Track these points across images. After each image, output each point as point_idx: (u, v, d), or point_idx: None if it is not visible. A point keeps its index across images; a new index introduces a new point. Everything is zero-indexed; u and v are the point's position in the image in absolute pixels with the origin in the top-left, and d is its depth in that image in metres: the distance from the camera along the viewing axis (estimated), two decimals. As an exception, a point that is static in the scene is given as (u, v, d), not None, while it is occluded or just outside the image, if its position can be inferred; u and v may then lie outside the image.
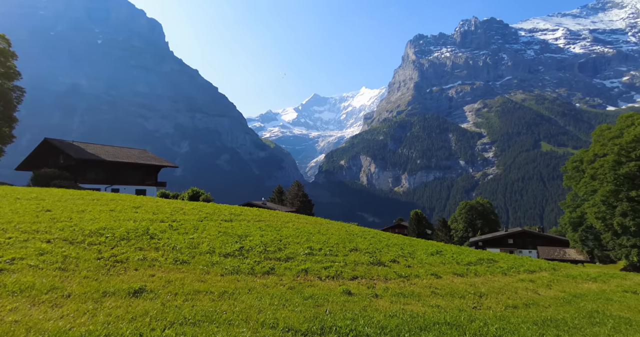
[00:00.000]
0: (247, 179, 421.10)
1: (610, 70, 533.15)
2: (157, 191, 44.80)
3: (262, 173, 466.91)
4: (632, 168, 34.54)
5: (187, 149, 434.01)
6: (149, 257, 8.83)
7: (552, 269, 16.23)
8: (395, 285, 9.70)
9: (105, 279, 6.93)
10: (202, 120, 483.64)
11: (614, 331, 7.52)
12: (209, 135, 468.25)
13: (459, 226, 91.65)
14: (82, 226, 10.80)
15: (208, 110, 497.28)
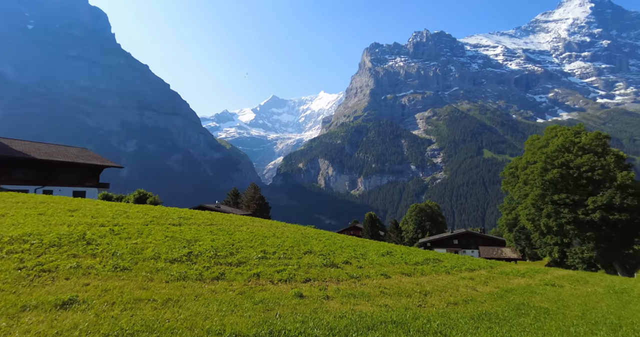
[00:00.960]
0: (200, 181, 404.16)
1: (539, 86, 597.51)
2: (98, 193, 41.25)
3: (216, 175, 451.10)
4: (555, 174, 38.84)
5: (134, 149, 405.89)
6: (83, 264, 8.08)
7: (490, 267, 17.64)
8: (346, 286, 9.89)
9: (27, 292, 6.17)
10: (151, 119, 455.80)
11: (535, 320, 8.37)
12: (159, 134, 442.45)
13: (409, 227, 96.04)
14: (1, 233, 9.59)
15: (158, 108, 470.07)
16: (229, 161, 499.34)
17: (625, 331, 8.12)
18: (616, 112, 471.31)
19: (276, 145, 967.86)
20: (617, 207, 35.00)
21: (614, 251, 37.44)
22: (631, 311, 10.40)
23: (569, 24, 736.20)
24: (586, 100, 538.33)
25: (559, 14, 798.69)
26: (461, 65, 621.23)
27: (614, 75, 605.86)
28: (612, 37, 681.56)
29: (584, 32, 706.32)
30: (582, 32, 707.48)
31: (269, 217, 71.13)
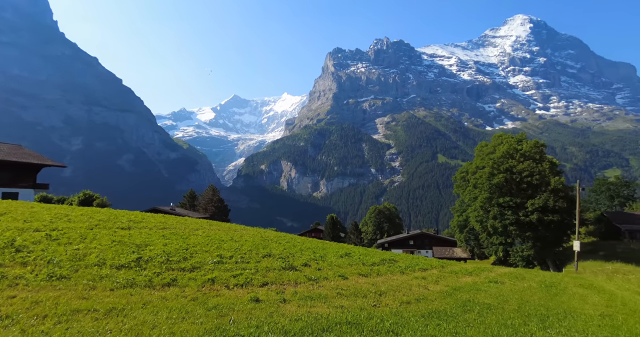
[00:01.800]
0: (154, 182, 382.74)
1: (488, 96, 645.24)
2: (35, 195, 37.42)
3: (172, 176, 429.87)
4: (500, 179, 42.09)
5: (79, 146, 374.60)
6: (10, 274, 7.29)
7: (441, 266, 18.62)
8: (304, 288, 9.91)
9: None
10: (100, 115, 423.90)
11: (478, 315, 9.00)
12: (108, 131, 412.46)
13: (368, 229, 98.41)
14: None
15: (108, 104, 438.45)
16: (186, 162, 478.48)
17: (551, 320, 9.01)
18: (551, 123, 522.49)
19: (237, 146, 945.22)
20: (550, 209, 38.67)
21: (548, 248, 41.30)
22: (557, 302, 11.55)
23: (512, 41, 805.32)
24: (527, 111, 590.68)
25: (504, 30, 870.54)
26: (419, 74, 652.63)
27: (549, 90, 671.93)
28: (547, 55, 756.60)
29: (525, 49, 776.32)
30: (524, 49, 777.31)
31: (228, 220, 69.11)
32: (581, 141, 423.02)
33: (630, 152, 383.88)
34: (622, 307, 11.65)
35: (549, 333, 7.87)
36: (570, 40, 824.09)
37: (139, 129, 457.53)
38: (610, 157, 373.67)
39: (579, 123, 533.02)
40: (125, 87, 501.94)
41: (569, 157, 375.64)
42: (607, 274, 22.51)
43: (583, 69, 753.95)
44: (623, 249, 40.30)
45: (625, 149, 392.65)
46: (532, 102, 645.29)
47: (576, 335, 7.90)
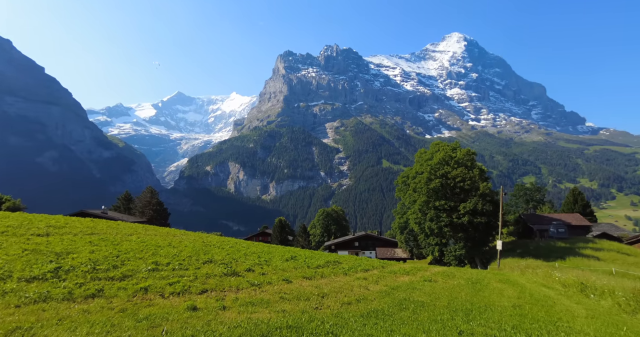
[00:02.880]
0: (83, 183, 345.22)
1: (428, 107, 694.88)
2: None
3: (105, 176, 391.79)
4: (437, 184, 45.44)
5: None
6: None
7: (382, 267, 19.50)
8: (246, 294, 9.69)
9: None
10: (15, 106, 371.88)
11: (413, 313, 9.61)
12: (26, 125, 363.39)
13: (317, 231, 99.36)
14: None
15: (27, 95, 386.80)
16: (122, 161, 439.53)
17: (474, 314, 9.97)
18: (481, 133, 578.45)
19: (180, 145, 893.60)
20: (479, 212, 42.69)
21: (477, 248, 45.47)
22: (480, 297, 12.81)
23: (450, 56, 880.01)
24: (462, 122, 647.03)
25: (443, 46, 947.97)
26: (366, 82, 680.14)
27: (480, 103, 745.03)
28: (478, 72, 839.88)
29: (460, 64, 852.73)
30: (459, 64, 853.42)
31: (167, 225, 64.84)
32: (505, 151, 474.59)
33: (542, 161, 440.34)
34: (530, 298, 13.30)
35: (471, 325, 8.67)
36: (497, 60, 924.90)
37: (65, 124, 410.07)
38: (527, 166, 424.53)
39: (504, 134, 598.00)
40: (48, 77, 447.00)
41: (495, 164, 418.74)
42: (521, 269, 25.51)
43: (507, 86, 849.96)
44: (534, 247, 45.92)
45: (538, 158, 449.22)
46: (466, 113, 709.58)
47: (492, 325, 8.82)
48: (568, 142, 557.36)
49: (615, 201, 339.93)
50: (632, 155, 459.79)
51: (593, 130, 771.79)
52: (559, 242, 48.21)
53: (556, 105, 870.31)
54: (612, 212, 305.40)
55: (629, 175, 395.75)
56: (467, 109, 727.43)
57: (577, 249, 42.00)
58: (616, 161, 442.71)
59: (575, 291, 15.98)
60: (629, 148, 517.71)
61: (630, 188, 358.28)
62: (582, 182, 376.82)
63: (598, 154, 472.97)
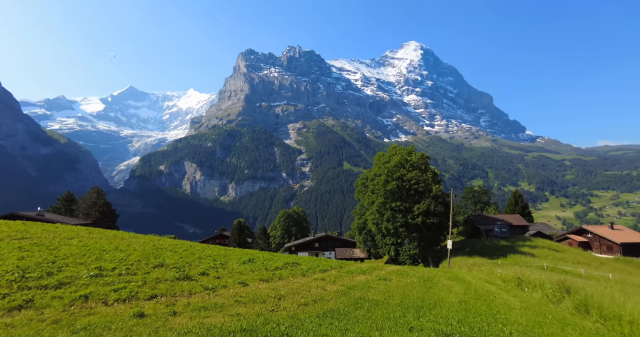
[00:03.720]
0: (15, 182, 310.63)
1: (386, 111, 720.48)
2: None
3: (42, 175, 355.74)
4: (393, 186, 47.23)
5: None
6: None
7: (340, 267, 19.81)
8: (199, 299, 9.34)
9: None
10: None
11: (367, 311, 9.88)
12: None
13: (277, 233, 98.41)
14: None
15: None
16: (63, 158, 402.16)
17: (424, 310, 10.51)
18: (435, 138, 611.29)
19: (132, 143, 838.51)
20: (432, 213, 45.01)
21: (429, 247, 47.87)
22: (430, 294, 13.52)
23: (407, 63, 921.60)
24: (417, 127, 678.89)
25: (401, 53, 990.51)
26: (328, 85, 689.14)
27: (434, 110, 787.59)
28: (433, 79, 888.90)
29: (417, 72, 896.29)
30: (416, 72, 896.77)
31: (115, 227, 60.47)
32: (456, 155, 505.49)
33: (488, 166, 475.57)
34: (474, 293, 14.30)
35: (421, 321, 9.11)
36: (450, 69, 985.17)
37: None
38: (476, 170, 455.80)
39: (455, 140, 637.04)
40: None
41: (447, 168, 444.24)
42: (469, 267, 27.34)
43: (459, 94, 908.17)
44: (481, 246, 49.41)
45: (485, 163, 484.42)
46: (421, 119, 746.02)
47: (440, 320, 9.35)
48: (511, 149, 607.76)
49: (548, 203, 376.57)
50: (562, 162, 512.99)
51: (531, 138, 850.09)
52: (502, 241, 52.26)
53: (501, 114, 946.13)
54: (546, 213, 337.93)
55: (559, 179, 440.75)
56: (423, 115, 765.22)
57: (517, 247, 45.84)
58: (549, 167, 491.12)
59: (513, 285, 17.45)
60: (559, 155, 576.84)
61: (560, 191, 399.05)
62: (522, 185, 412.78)
63: (535, 160, 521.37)
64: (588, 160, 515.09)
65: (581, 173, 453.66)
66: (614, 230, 56.77)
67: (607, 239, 53.68)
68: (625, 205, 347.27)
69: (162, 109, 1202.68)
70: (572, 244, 57.14)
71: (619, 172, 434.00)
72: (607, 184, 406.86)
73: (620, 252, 51.15)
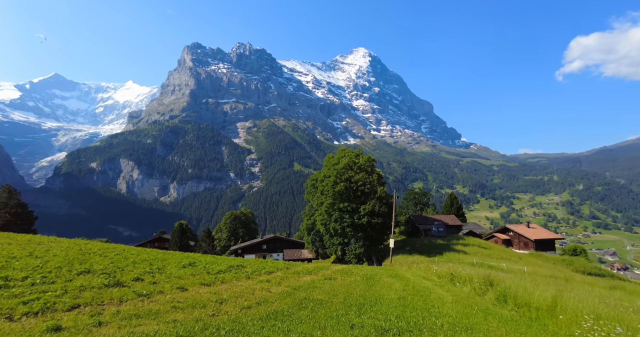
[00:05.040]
0: None
1: (336, 114, 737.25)
2: None
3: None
4: (342, 187, 48.39)
5: None
6: None
7: (286, 268, 19.69)
8: (131, 306, 8.61)
9: None
10: None
11: (311, 311, 9.95)
12: None
13: (222, 235, 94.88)
14: None
15: None
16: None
17: (365, 307, 10.89)
18: (381, 143, 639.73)
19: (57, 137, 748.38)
20: (376, 213, 46.92)
21: (374, 246, 49.83)
22: (372, 292, 14.06)
23: (356, 69, 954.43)
24: (365, 131, 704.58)
25: (350, 59, 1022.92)
26: (279, 85, 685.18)
27: (381, 115, 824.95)
28: (380, 86, 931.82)
29: (365, 78, 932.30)
30: (364, 77, 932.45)
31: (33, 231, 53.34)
32: (400, 159, 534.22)
33: (428, 169, 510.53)
34: (412, 289, 15.19)
35: (362, 318, 9.41)
36: (395, 77, 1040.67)
37: None
38: (417, 173, 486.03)
39: (399, 144, 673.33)
40: None
41: (391, 171, 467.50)
42: (408, 264, 29.03)
43: (403, 101, 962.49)
44: (420, 244, 52.73)
45: (425, 166, 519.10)
46: (369, 123, 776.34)
47: (380, 316, 9.76)
48: (448, 154, 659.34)
49: (479, 204, 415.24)
50: (491, 167, 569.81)
51: (466, 145, 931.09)
52: (439, 239, 56.29)
53: (440, 121, 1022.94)
54: (477, 214, 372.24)
55: (488, 183, 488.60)
56: (370, 119, 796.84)
57: (452, 245, 49.72)
58: (481, 171, 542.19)
59: (447, 280, 18.89)
60: (489, 161, 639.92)
61: (489, 194, 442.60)
62: (458, 188, 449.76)
63: (469, 165, 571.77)
64: (512, 166, 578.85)
65: (506, 177, 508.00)
66: (530, 228, 64.41)
67: (524, 236, 60.71)
68: (539, 206, 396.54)
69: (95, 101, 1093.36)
70: (497, 242, 63.62)
71: (535, 177, 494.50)
72: (526, 188, 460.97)
73: (534, 248, 58.20)
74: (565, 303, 10.81)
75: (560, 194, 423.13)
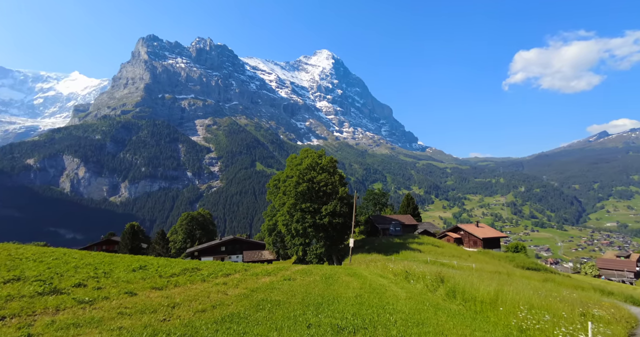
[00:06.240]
0: None
1: (300, 115, 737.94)
2: None
3: None
4: (304, 187, 48.45)
5: None
6: None
7: (244, 270, 19.26)
8: (69, 315, 7.92)
9: None
10: None
11: (268, 313, 9.84)
12: None
13: (178, 237, 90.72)
14: None
15: None
16: None
17: (323, 306, 10.99)
18: (343, 144, 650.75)
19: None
20: (338, 213, 47.60)
21: (334, 246, 50.47)
22: (330, 291, 14.23)
23: (320, 71, 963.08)
24: (328, 132, 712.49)
25: (314, 60, 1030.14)
26: (241, 82, 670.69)
27: (343, 117, 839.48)
28: (343, 89, 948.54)
29: (328, 80, 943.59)
30: (328, 79, 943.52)
31: (-47, 236, 47.06)
32: (361, 160, 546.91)
33: (387, 171, 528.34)
34: (369, 287, 15.61)
35: (319, 318, 9.49)
36: (357, 81, 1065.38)
37: None
38: (377, 174, 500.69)
39: (361, 146, 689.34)
40: None
41: (353, 172, 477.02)
42: (367, 263, 29.79)
43: (364, 104, 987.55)
44: (378, 243, 54.35)
45: (385, 168, 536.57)
46: (332, 125, 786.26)
47: (337, 315, 9.90)
48: (406, 157, 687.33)
49: (434, 205, 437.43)
50: (445, 170, 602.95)
51: (422, 148, 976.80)
52: (396, 238, 58.39)
53: (399, 125, 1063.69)
54: (431, 213, 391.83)
55: (442, 184, 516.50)
56: (333, 121, 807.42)
57: (408, 244, 51.82)
58: (435, 173, 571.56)
59: (402, 278, 19.65)
60: (443, 164, 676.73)
61: (443, 195, 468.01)
62: (414, 189, 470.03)
63: (425, 167, 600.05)
64: (463, 169, 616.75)
65: (458, 180, 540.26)
66: (479, 228, 69.11)
67: (474, 235, 65.00)
68: (487, 206, 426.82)
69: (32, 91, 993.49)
70: (449, 240, 67.42)
71: (484, 179, 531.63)
72: (476, 189, 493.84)
73: (482, 246, 62.54)
74: (505, 296, 11.76)
75: (505, 195, 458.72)
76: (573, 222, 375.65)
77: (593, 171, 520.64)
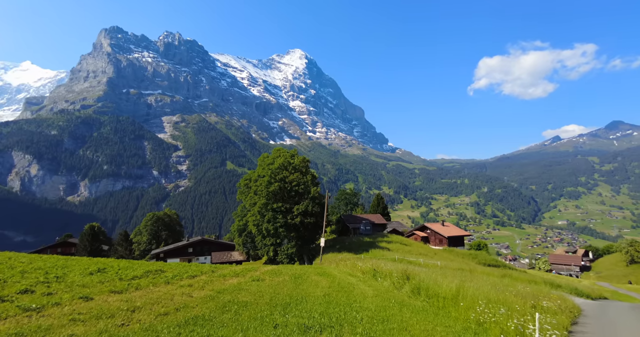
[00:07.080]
0: None
1: (273, 114, 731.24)
2: None
3: None
4: (276, 187, 48.01)
5: None
6: None
7: (212, 271, 18.77)
8: (12, 324, 7.33)
9: None
10: None
11: (235, 314, 9.64)
12: None
13: (142, 238, 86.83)
14: None
15: None
16: None
17: (291, 306, 10.95)
18: (316, 144, 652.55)
19: None
20: (309, 213, 47.61)
21: (306, 246, 50.44)
22: (299, 290, 14.21)
23: (293, 70, 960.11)
24: (301, 132, 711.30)
25: (287, 59, 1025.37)
26: (212, 79, 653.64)
27: (316, 117, 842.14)
28: (316, 89, 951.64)
29: (302, 79, 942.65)
30: (301, 79, 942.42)
31: None
32: (334, 160, 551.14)
33: (359, 171, 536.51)
34: (337, 286, 15.75)
35: (286, 318, 9.44)
36: (331, 81, 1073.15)
37: None
38: (349, 174, 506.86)
39: (333, 147, 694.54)
40: None
41: (326, 172, 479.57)
42: (337, 262, 30.07)
43: (337, 105, 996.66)
44: (349, 242, 55.04)
45: (356, 168, 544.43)
46: (305, 125, 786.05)
47: (305, 314, 9.90)
48: (377, 157, 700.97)
49: (402, 204, 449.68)
50: (413, 170, 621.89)
51: (392, 149, 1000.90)
52: (366, 237, 59.38)
53: (370, 126, 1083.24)
54: (400, 213, 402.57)
55: (411, 185, 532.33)
56: (306, 121, 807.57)
57: (377, 242, 52.88)
58: (404, 174, 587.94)
59: (370, 276, 20.01)
60: (411, 165, 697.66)
61: (411, 194, 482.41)
62: (384, 189, 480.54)
63: (394, 168, 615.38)
64: (431, 170, 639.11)
65: (426, 180, 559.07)
66: (445, 226, 71.88)
67: (440, 233, 67.53)
68: (453, 206, 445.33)
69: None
70: (417, 239, 69.58)
71: (450, 180, 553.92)
72: (442, 190, 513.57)
73: (447, 244, 65.12)
74: (466, 292, 12.32)
75: (469, 195, 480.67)
76: (530, 220, 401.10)
77: (547, 172, 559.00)
